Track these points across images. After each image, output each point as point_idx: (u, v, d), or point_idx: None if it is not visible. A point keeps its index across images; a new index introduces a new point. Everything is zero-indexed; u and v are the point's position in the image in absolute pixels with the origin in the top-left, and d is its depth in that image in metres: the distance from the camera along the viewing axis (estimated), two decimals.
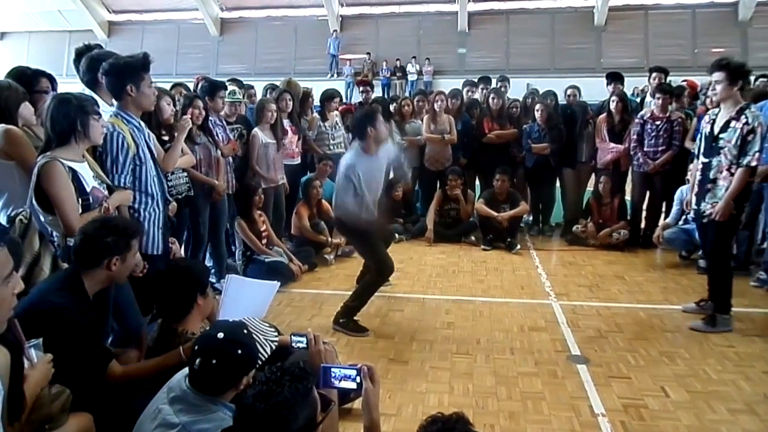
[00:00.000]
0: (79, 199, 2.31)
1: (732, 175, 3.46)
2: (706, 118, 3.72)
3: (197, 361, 1.68)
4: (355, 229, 3.66)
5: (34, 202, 2.29)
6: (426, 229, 6.02)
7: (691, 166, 4.45)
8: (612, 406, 2.71)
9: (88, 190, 2.36)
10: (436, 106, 6.12)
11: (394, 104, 6.61)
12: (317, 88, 6.59)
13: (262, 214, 4.78)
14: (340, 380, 1.77)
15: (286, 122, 5.28)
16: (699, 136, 3.82)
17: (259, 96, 6.06)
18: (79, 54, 3.15)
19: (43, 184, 2.25)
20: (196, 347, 1.73)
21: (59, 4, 20.10)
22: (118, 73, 2.71)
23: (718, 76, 3.44)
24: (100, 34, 20.27)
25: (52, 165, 2.25)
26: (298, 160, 5.52)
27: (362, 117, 3.68)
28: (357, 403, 2.46)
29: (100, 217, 2.14)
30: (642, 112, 5.57)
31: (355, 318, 3.63)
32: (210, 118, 4.26)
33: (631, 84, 10.88)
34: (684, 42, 17.30)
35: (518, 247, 5.63)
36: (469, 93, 6.97)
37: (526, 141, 6.05)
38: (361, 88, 7.02)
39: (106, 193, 2.47)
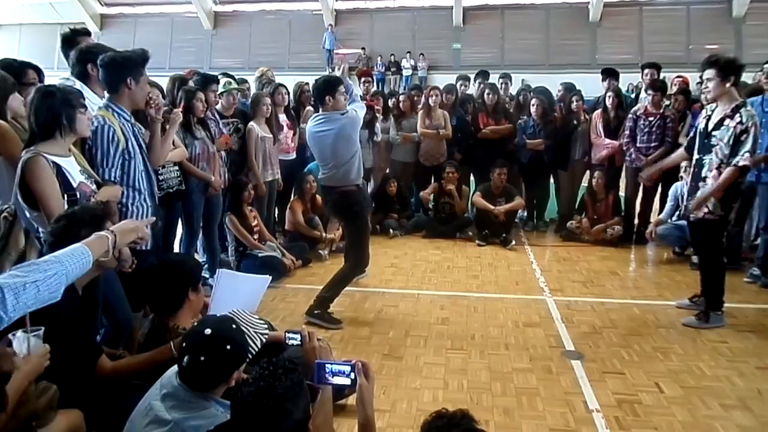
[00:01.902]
0: (65, 195, 2.26)
1: (721, 174, 3.42)
2: (703, 113, 3.69)
3: (186, 358, 1.66)
4: (350, 205, 3.64)
5: (19, 198, 2.24)
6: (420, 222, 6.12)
7: (684, 163, 4.44)
8: (606, 402, 2.71)
9: (75, 185, 2.31)
10: (431, 101, 6.11)
11: (393, 99, 6.57)
12: None
13: (252, 210, 4.75)
14: (334, 376, 1.75)
15: (281, 117, 5.24)
16: (693, 132, 3.80)
17: (253, 91, 5.99)
18: (67, 40, 3.10)
19: (27, 179, 2.20)
20: (184, 344, 1.71)
21: None
22: (118, 66, 2.69)
23: (709, 73, 3.42)
24: (92, 27, 20.00)
25: (36, 160, 2.20)
26: (293, 155, 5.48)
27: (323, 84, 3.56)
28: (351, 399, 2.45)
29: (62, 214, 2.04)
30: (635, 108, 5.56)
31: (329, 310, 3.67)
32: None
33: (626, 80, 10.88)
34: (678, 38, 17.34)
35: (513, 242, 5.63)
36: (462, 88, 6.94)
37: (521, 136, 6.04)
38: (362, 79, 6.95)
39: (94, 188, 2.42)
